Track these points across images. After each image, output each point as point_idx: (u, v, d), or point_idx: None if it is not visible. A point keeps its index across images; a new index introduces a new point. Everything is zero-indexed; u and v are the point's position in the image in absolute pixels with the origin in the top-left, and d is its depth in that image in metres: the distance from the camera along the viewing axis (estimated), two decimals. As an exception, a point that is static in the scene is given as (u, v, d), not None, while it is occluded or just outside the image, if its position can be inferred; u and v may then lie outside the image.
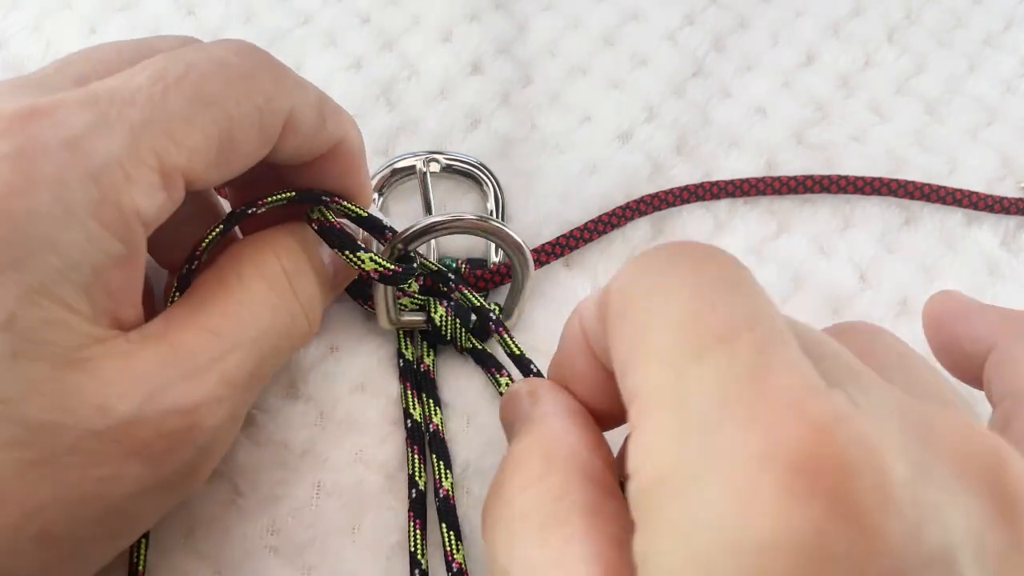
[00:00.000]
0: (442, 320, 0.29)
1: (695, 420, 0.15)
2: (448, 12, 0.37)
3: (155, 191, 0.21)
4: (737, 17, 0.38)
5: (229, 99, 0.22)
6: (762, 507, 0.14)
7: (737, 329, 0.16)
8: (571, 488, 0.18)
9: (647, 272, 0.18)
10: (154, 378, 0.21)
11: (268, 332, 0.24)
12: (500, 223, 0.28)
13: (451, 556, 0.26)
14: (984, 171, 0.35)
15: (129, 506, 0.21)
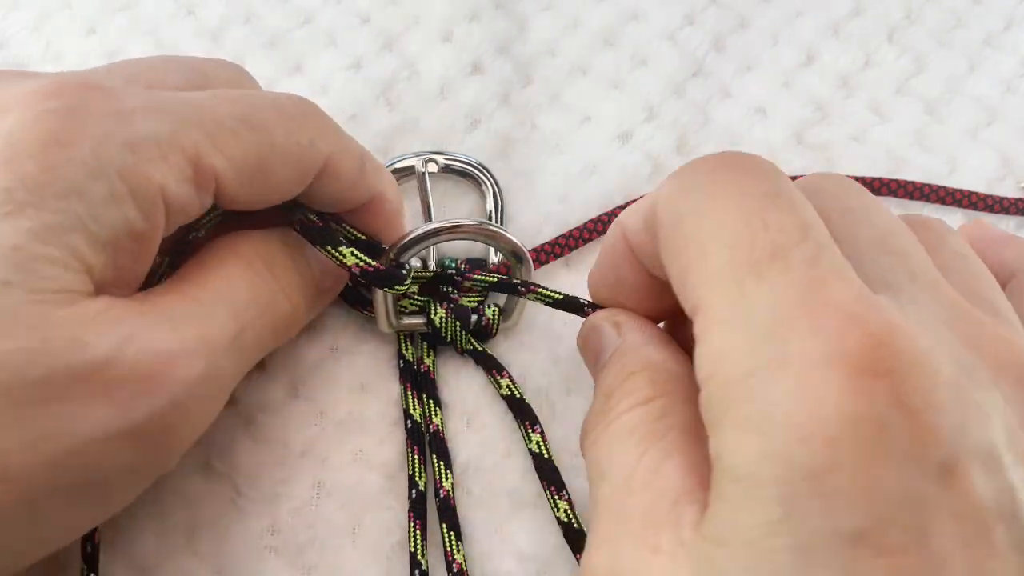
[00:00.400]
0: (442, 322, 0.29)
1: (761, 331, 0.17)
2: (448, 12, 0.37)
3: (185, 182, 0.22)
4: (737, 17, 0.38)
5: (275, 129, 0.24)
6: (829, 404, 0.16)
7: (788, 245, 0.18)
8: (672, 410, 0.21)
9: (694, 188, 0.20)
10: (133, 324, 0.21)
11: (248, 304, 0.24)
12: (499, 228, 0.28)
13: (451, 556, 0.26)
14: (984, 171, 0.35)
15: (91, 453, 0.20)
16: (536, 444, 0.27)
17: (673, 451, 0.20)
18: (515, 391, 0.28)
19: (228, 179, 0.23)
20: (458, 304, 0.29)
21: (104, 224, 0.21)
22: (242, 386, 0.28)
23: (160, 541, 0.26)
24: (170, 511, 0.27)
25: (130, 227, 0.21)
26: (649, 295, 0.24)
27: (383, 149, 0.33)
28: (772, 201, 0.19)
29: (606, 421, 0.22)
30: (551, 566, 0.27)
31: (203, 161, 0.22)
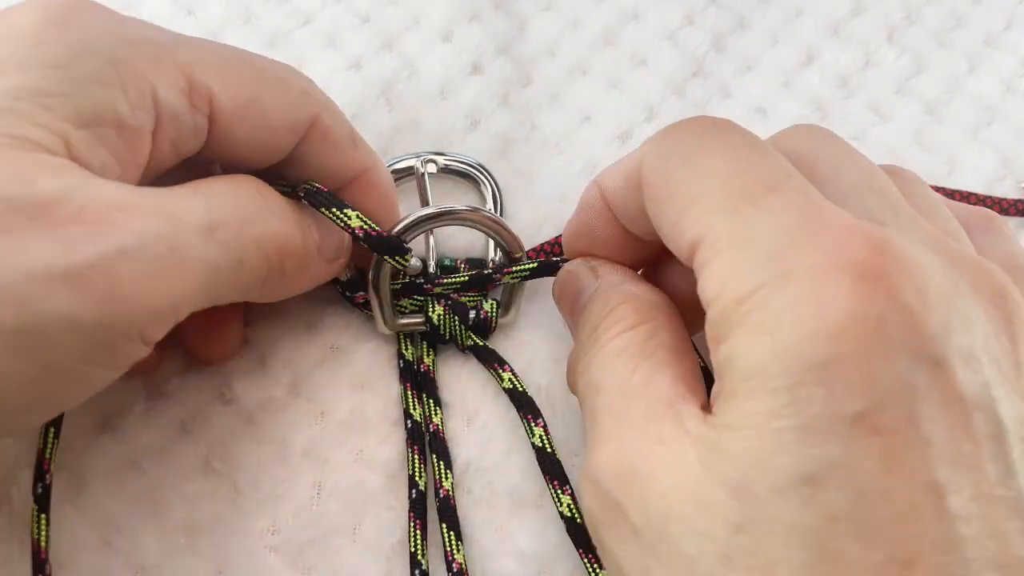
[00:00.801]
0: (440, 319, 0.29)
1: (765, 249, 0.19)
2: (448, 12, 0.37)
3: (179, 92, 0.23)
4: (737, 17, 0.38)
5: (269, 69, 0.25)
6: (836, 304, 0.17)
7: (779, 180, 0.20)
8: (658, 331, 0.23)
9: (680, 142, 0.22)
10: (89, 178, 0.20)
11: (230, 207, 0.23)
12: (491, 213, 0.28)
13: (451, 556, 0.26)
14: (984, 171, 0.35)
15: (29, 293, 0.18)
16: (539, 438, 0.27)
17: (662, 365, 0.22)
18: (517, 384, 0.28)
19: (223, 105, 0.23)
20: (456, 301, 0.29)
21: (87, 100, 0.21)
22: (242, 386, 0.29)
23: (160, 541, 0.26)
24: (170, 511, 0.27)
25: (116, 113, 0.21)
26: (621, 249, 0.26)
27: (383, 149, 0.33)
28: (754, 149, 0.21)
29: (596, 348, 0.23)
30: (552, 565, 0.27)
31: (196, 77, 0.23)
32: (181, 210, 0.21)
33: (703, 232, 0.20)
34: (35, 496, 0.24)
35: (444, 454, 0.28)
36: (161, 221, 0.20)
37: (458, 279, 0.29)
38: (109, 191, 0.20)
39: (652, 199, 0.22)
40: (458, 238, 0.32)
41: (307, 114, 0.25)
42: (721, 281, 0.19)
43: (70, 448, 0.27)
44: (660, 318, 0.23)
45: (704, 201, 0.20)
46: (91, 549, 0.26)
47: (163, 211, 0.21)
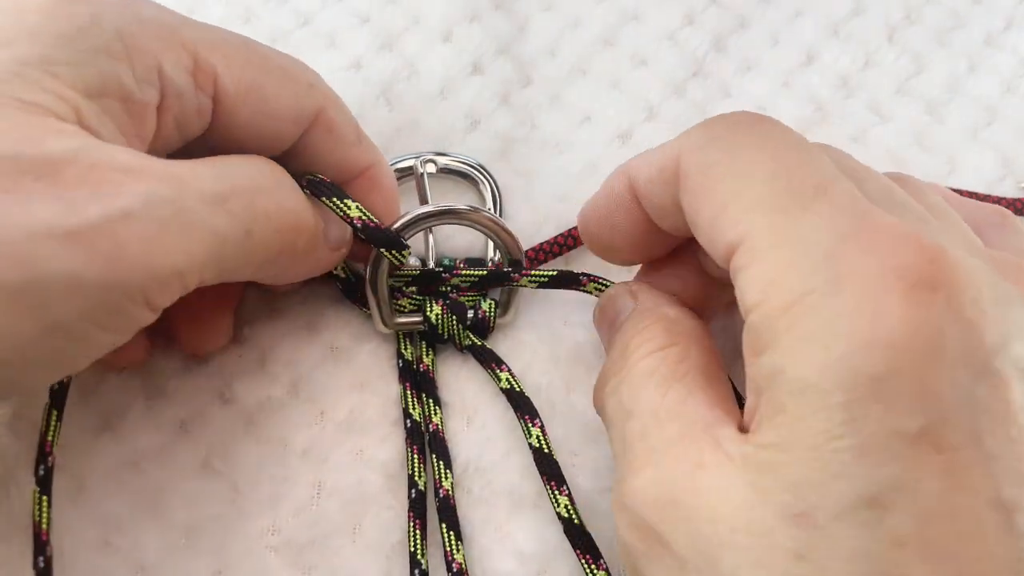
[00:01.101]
0: (438, 319, 0.29)
1: (816, 252, 0.18)
2: (448, 12, 0.37)
3: (182, 69, 0.23)
4: (737, 17, 0.38)
5: (275, 59, 0.25)
6: (892, 313, 0.17)
7: (827, 181, 0.19)
8: (690, 354, 0.22)
9: (722, 137, 0.21)
10: (98, 143, 0.20)
11: (242, 178, 0.23)
12: (490, 213, 0.28)
13: (451, 556, 0.26)
14: (984, 171, 0.35)
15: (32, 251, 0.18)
16: (536, 438, 0.27)
17: (695, 388, 0.21)
18: (515, 384, 0.28)
19: (227, 87, 0.24)
20: (455, 300, 0.29)
21: (94, 70, 0.21)
22: (242, 385, 0.29)
23: (160, 541, 0.26)
24: (170, 511, 0.27)
25: (122, 86, 0.22)
26: (638, 240, 0.25)
27: (383, 149, 0.33)
28: (800, 147, 0.20)
29: (626, 368, 0.23)
30: (551, 565, 0.27)
31: (202, 57, 0.23)
32: (190, 176, 0.21)
33: (745, 232, 0.19)
34: (37, 478, 0.24)
35: (444, 454, 0.28)
36: (168, 185, 0.20)
37: (476, 273, 0.29)
38: (117, 155, 0.20)
39: (690, 192, 0.21)
40: (457, 238, 0.32)
41: (312, 105, 0.25)
42: (764, 285, 0.18)
43: (70, 448, 0.27)
44: (693, 340, 0.23)
45: (747, 198, 0.19)
46: (91, 549, 0.26)
47: (171, 176, 0.21)
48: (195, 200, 0.21)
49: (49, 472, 0.24)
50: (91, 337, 0.20)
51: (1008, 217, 0.24)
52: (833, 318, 0.17)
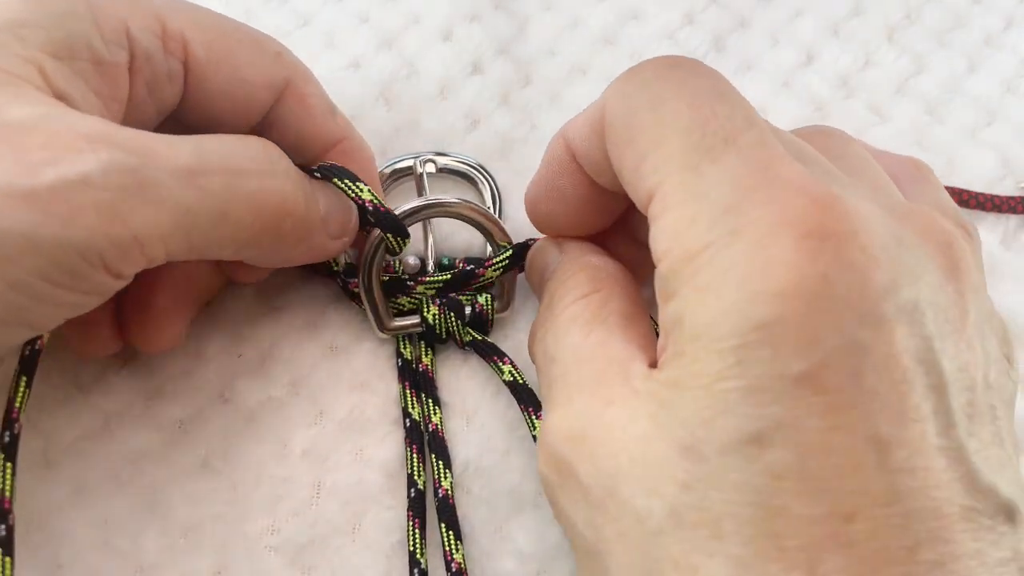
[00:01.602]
0: (436, 320, 0.29)
1: (717, 206, 0.19)
2: (448, 12, 0.37)
3: (150, 33, 0.23)
4: (737, 17, 0.38)
5: (241, 29, 0.26)
6: (782, 262, 0.17)
7: (737, 131, 0.20)
8: (612, 298, 0.23)
9: (644, 85, 0.21)
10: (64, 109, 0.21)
11: (223, 156, 0.23)
12: (478, 205, 0.29)
13: (450, 556, 0.26)
14: (984, 171, 0.35)
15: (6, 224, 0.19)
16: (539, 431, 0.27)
17: (614, 330, 0.22)
18: (518, 377, 0.28)
19: (196, 52, 0.24)
20: (451, 299, 0.29)
21: (61, 32, 0.22)
22: (242, 385, 0.29)
23: (160, 541, 0.26)
24: (171, 511, 0.27)
25: (90, 47, 0.22)
26: (587, 206, 0.25)
27: (382, 149, 0.33)
28: (719, 95, 0.21)
29: (552, 317, 0.24)
30: (551, 566, 0.27)
31: (170, 24, 0.24)
32: (163, 148, 0.21)
33: (658, 183, 0.20)
34: (1, 445, 0.23)
35: (443, 453, 0.28)
36: (132, 156, 0.20)
37: (440, 278, 0.29)
38: (82, 122, 0.20)
39: (613, 143, 0.22)
40: (457, 238, 0.32)
41: (281, 75, 0.26)
42: (672, 236, 0.19)
43: (69, 449, 0.27)
44: (615, 286, 0.24)
45: (663, 150, 0.20)
46: (91, 549, 0.26)
47: (138, 147, 0.21)
48: (163, 172, 0.21)
49: (15, 439, 0.23)
50: (53, 296, 0.20)
51: (923, 169, 0.25)
52: (728, 268, 0.18)
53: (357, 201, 0.27)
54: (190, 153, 0.22)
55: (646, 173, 0.20)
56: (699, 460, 0.18)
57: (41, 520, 0.26)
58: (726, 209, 0.19)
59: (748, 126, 0.20)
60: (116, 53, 0.23)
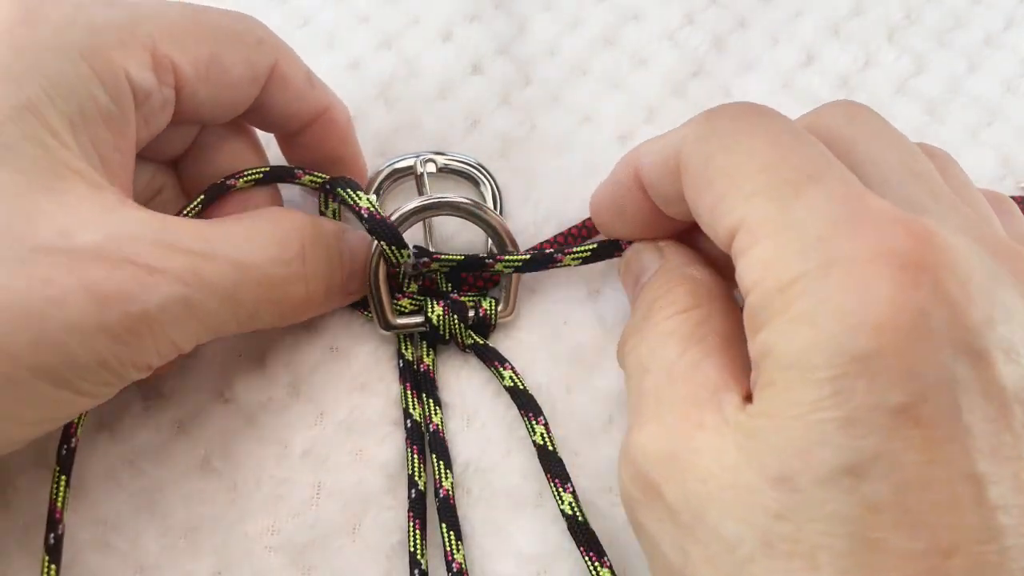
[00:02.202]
0: (439, 320, 0.29)
1: (807, 237, 0.19)
2: (448, 12, 0.37)
3: (144, 68, 0.24)
4: (737, 17, 0.38)
5: (223, 27, 0.25)
6: (878, 294, 0.17)
7: (821, 168, 0.20)
8: (711, 317, 0.23)
9: (719, 130, 0.22)
10: (126, 229, 0.22)
11: (259, 268, 0.24)
12: (480, 204, 0.29)
13: (451, 556, 0.26)
14: (984, 171, 0.35)
15: (68, 342, 0.21)
16: (540, 436, 0.27)
17: (712, 352, 0.22)
18: (518, 382, 0.28)
19: (185, 71, 0.24)
20: (455, 300, 0.29)
21: (74, 102, 0.22)
22: (242, 386, 0.29)
23: (161, 541, 0.26)
24: (171, 511, 0.27)
25: (100, 108, 0.23)
26: (646, 225, 0.26)
27: (382, 149, 0.33)
28: (795, 137, 0.21)
29: (649, 325, 0.24)
30: (551, 566, 0.27)
31: (159, 50, 0.24)
32: (208, 272, 0.23)
33: (743, 217, 0.20)
34: (46, 547, 0.24)
35: (444, 454, 0.28)
36: (186, 286, 0.22)
37: (454, 257, 0.29)
38: (135, 251, 0.22)
39: (692, 183, 0.22)
40: (457, 238, 0.32)
41: (265, 64, 0.26)
42: (762, 268, 0.19)
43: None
44: (716, 304, 0.23)
45: (745, 187, 0.20)
46: (91, 549, 0.26)
47: (191, 274, 0.23)
48: (209, 298, 0.23)
49: (59, 540, 0.24)
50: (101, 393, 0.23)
51: (1006, 202, 0.25)
52: (823, 299, 0.18)
53: (355, 209, 0.27)
54: (233, 267, 0.24)
55: (726, 211, 0.21)
56: (793, 490, 0.18)
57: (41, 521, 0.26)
58: (819, 240, 0.19)
59: (828, 163, 0.20)
60: (123, 103, 0.23)
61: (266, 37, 0.27)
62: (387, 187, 0.32)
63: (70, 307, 0.20)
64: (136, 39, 0.23)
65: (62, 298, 0.20)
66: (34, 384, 0.21)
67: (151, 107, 0.24)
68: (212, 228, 0.24)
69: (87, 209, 0.22)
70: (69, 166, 0.22)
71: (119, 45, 0.23)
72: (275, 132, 0.30)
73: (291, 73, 0.27)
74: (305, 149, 0.29)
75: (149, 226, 0.22)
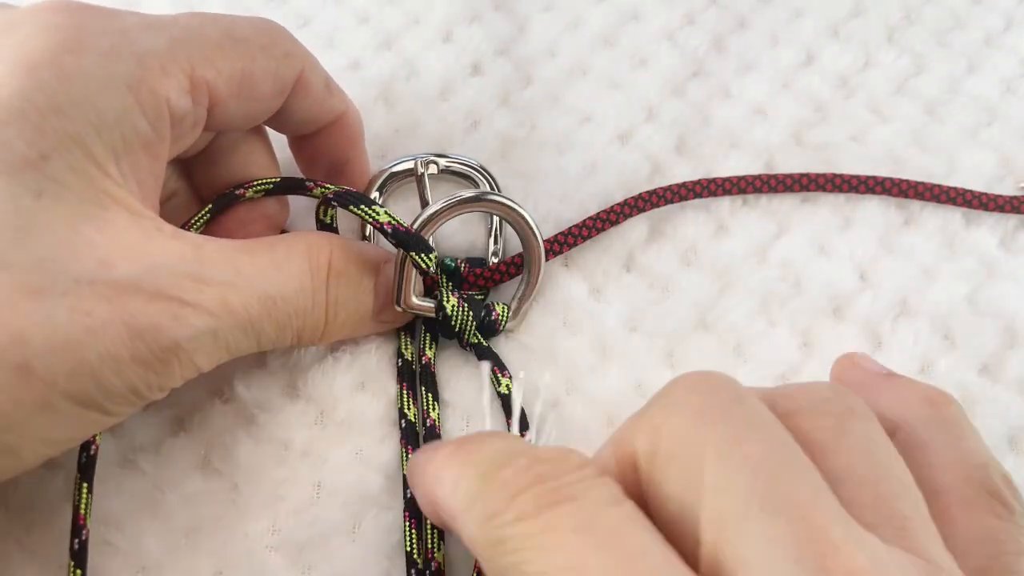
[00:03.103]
0: (454, 310, 0.29)
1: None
2: (448, 12, 0.37)
3: (183, 93, 0.24)
4: (737, 17, 0.38)
5: (254, 42, 0.26)
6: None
7: (798, 499, 0.17)
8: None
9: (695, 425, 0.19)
10: (163, 260, 0.22)
11: (285, 300, 0.25)
12: (498, 194, 0.29)
13: (431, 554, 0.26)
14: (984, 171, 0.35)
15: (104, 370, 0.21)
16: None
17: None
18: (512, 392, 0.28)
19: (219, 90, 0.25)
20: (471, 297, 0.29)
21: (117, 135, 0.22)
22: (243, 385, 0.29)
23: (161, 541, 0.26)
24: (171, 511, 0.27)
25: (141, 137, 0.23)
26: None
27: (382, 150, 0.34)
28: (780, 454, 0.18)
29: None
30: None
31: (196, 74, 0.24)
32: (237, 307, 0.24)
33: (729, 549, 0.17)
34: (71, 552, 0.24)
35: None
36: (217, 319, 0.23)
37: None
38: (171, 285, 0.22)
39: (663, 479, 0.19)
40: (458, 238, 0.32)
41: (291, 76, 0.27)
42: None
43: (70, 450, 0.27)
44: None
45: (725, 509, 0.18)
46: (91, 549, 0.26)
47: (220, 309, 0.23)
48: (235, 328, 0.24)
49: (83, 545, 0.25)
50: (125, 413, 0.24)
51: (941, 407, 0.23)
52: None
53: (375, 226, 0.27)
54: (260, 300, 0.24)
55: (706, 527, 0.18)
56: None
57: (43, 519, 0.26)
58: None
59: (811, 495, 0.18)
60: (161, 131, 0.24)
61: (292, 49, 0.27)
62: (389, 189, 0.32)
63: (108, 338, 0.21)
64: (176, 64, 0.24)
65: (101, 330, 0.21)
66: (67, 408, 0.21)
67: (184, 127, 0.25)
68: (243, 256, 0.25)
69: (127, 238, 0.22)
70: (111, 195, 0.22)
71: (161, 73, 0.23)
72: (289, 134, 0.30)
73: (313, 81, 0.28)
74: (316, 150, 0.30)
75: (183, 257, 0.23)
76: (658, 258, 0.32)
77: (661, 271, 0.32)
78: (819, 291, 0.32)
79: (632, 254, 0.32)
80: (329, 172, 0.30)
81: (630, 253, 0.32)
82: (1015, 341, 0.31)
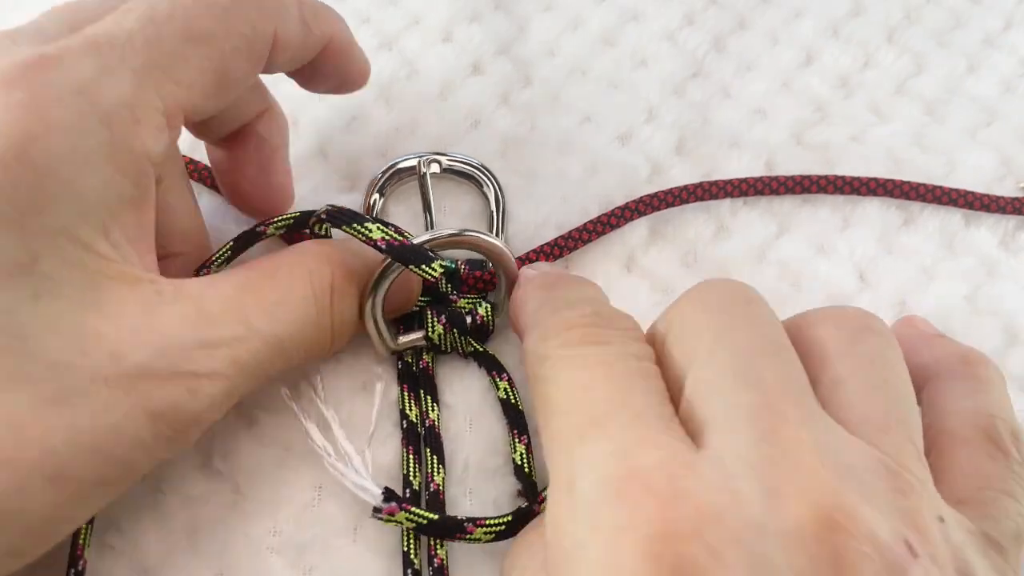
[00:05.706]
0: (441, 339, 0.29)
1: (581, 498, 0.19)
2: (448, 12, 0.37)
3: (161, 132, 0.23)
4: (737, 17, 0.38)
5: (218, 33, 0.24)
6: (624, 570, 0.17)
7: (608, 411, 0.20)
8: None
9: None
10: (170, 336, 0.22)
11: (292, 338, 0.25)
12: (477, 232, 0.28)
13: (433, 551, 0.26)
14: (984, 171, 0.35)
15: (131, 456, 0.21)
16: (520, 455, 0.27)
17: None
18: (511, 395, 0.28)
19: (194, 103, 0.24)
20: (452, 312, 0.29)
21: (103, 213, 0.21)
22: (243, 387, 0.29)
23: (162, 542, 0.26)
24: (172, 512, 0.27)
25: (125, 200, 0.22)
26: None
27: (383, 150, 0.33)
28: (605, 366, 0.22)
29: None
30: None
31: (170, 104, 0.23)
32: (247, 358, 0.23)
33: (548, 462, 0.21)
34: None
35: (438, 449, 0.28)
36: (226, 384, 0.23)
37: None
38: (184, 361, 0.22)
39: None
40: (457, 238, 0.32)
41: (265, 45, 0.25)
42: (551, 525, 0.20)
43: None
44: None
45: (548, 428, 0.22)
46: (92, 551, 0.26)
47: (232, 368, 0.23)
48: (247, 380, 0.24)
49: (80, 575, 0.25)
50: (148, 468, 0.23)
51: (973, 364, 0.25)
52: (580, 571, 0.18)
53: (368, 242, 0.26)
54: (266, 349, 0.24)
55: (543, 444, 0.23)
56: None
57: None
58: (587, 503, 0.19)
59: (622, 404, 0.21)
60: (144, 184, 0.23)
61: (258, 17, 0.24)
62: (389, 188, 0.32)
63: (131, 430, 0.21)
64: (147, 104, 0.22)
65: (123, 423, 0.21)
66: (97, 493, 0.22)
67: (164, 157, 0.23)
68: (246, 298, 0.24)
69: (130, 319, 0.21)
70: (106, 274, 0.21)
71: (134, 124, 0.22)
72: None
73: (289, 36, 0.25)
74: (317, 75, 0.29)
75: (188, 322, 0.22)
76: (659, 260, 0.32)
77: (662, 273, 0.32)
78: (819, 291, 0.32)
79: (633, 256, 0.32)
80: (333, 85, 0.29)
81: (631, 255, 0.32)
82: (1015, 341, 0.31)
